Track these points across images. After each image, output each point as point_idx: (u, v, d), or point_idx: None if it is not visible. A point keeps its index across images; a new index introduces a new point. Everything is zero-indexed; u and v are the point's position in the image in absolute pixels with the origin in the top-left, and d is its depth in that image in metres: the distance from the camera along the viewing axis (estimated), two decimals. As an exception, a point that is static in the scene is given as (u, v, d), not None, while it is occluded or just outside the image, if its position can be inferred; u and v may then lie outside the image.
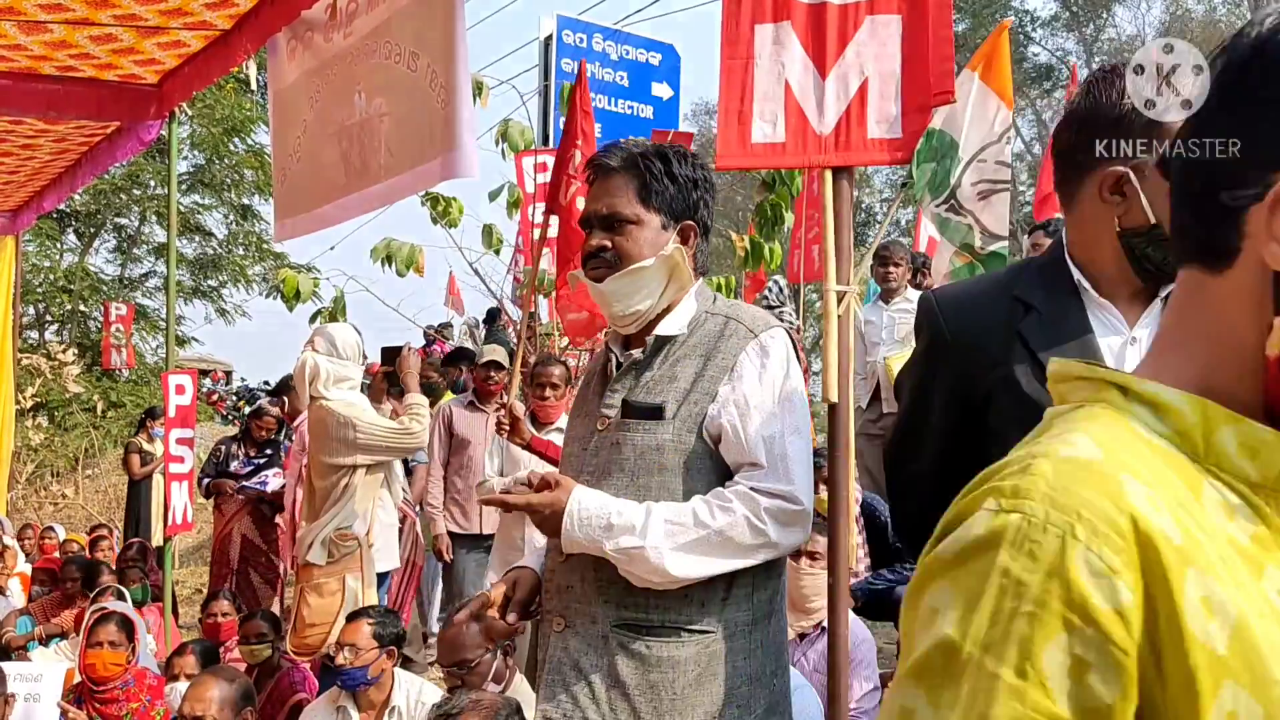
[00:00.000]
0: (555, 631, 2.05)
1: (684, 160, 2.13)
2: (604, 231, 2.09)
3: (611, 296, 2.09)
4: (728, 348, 2.03)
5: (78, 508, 12.95)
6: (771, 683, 2.04)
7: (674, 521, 1.92)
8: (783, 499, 1.93)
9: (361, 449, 4.41)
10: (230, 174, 19.11)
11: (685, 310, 2.11)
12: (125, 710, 4.15)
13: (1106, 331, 1.74)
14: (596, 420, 2.10)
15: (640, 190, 2.07)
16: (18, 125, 6.30)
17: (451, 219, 6.84)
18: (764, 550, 1.95)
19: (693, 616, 1.96)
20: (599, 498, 1.98)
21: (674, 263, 2.08)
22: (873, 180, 28.50)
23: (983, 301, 1.85)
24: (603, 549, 1.93)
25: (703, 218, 2.15)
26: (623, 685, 1.95)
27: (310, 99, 4.55)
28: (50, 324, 18.47)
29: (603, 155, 2.14)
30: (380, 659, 3.81)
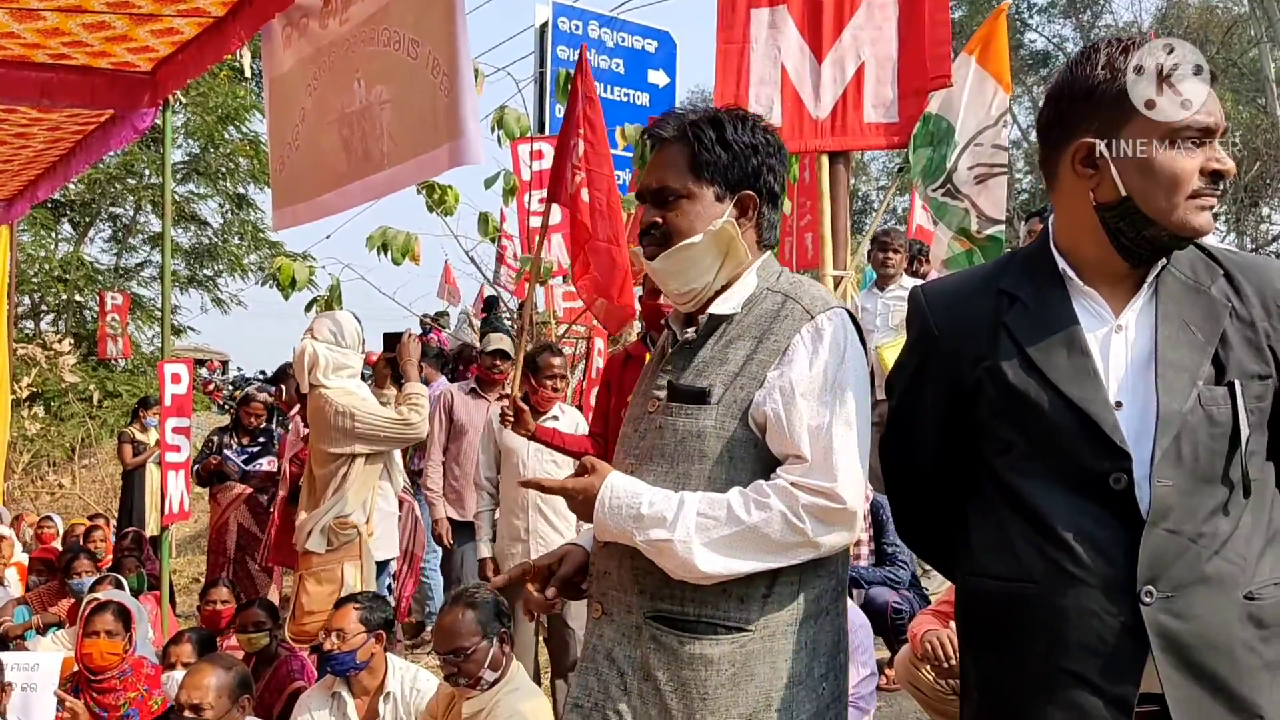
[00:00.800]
0: (593, 618, 2.00)
1: (741, 124, 1.98)
2: (656, 207, 1.99)
3: (664, 274, 1.99)
4: (781, 329, 1.91)
5: (74, 497, 12.94)
6: (819, 686, 1.90)
7: (707, 515, 1.82)
8: (824, 496, 1.79)
9: (360, 438, 4.40)
10: (225, 163, 19.04)
11: (744, 287, 1.97)
12: (123, 700, 4.14)
13: (1091, 320, 1.74)
14: (648, 402, 2.01)
15: (691, 161, 1.96)
16: (11, 114, 6.27)
17: (447, 207, 6.83)
18: (803, 549, 1.81)
19: (730, 613, 1.85)
20: (632, 485, 1.89)
21: (727, 237, 1.95)
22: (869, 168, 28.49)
23: (969, 295, 1.87)
24: (633, 539, 1.85)
25: (767, 185, 2.00)
26: (654, 680, 1.87)
27: (308, 86, 4.53)
28: (46, 314, 18.43)
29: (657, 125, 2.03)
30: (368, 644, 3.81)
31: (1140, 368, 1.69)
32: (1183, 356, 1.67)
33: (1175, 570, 1.61)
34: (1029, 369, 1.72)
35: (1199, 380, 1.66)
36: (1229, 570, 1.63)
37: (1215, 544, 1.63)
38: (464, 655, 3.42)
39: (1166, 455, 1.63)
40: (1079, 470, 1.67)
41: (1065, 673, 1.65)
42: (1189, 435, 1.64)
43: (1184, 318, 1.70)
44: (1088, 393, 1.68)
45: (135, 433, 9.98)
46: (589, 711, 1.94)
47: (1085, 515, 1.66)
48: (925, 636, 3.65)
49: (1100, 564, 1.63)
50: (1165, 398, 1.65)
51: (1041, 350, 1.72)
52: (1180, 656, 1.60)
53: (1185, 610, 1.61)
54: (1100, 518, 1.65)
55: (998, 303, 1.80)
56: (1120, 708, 1.61)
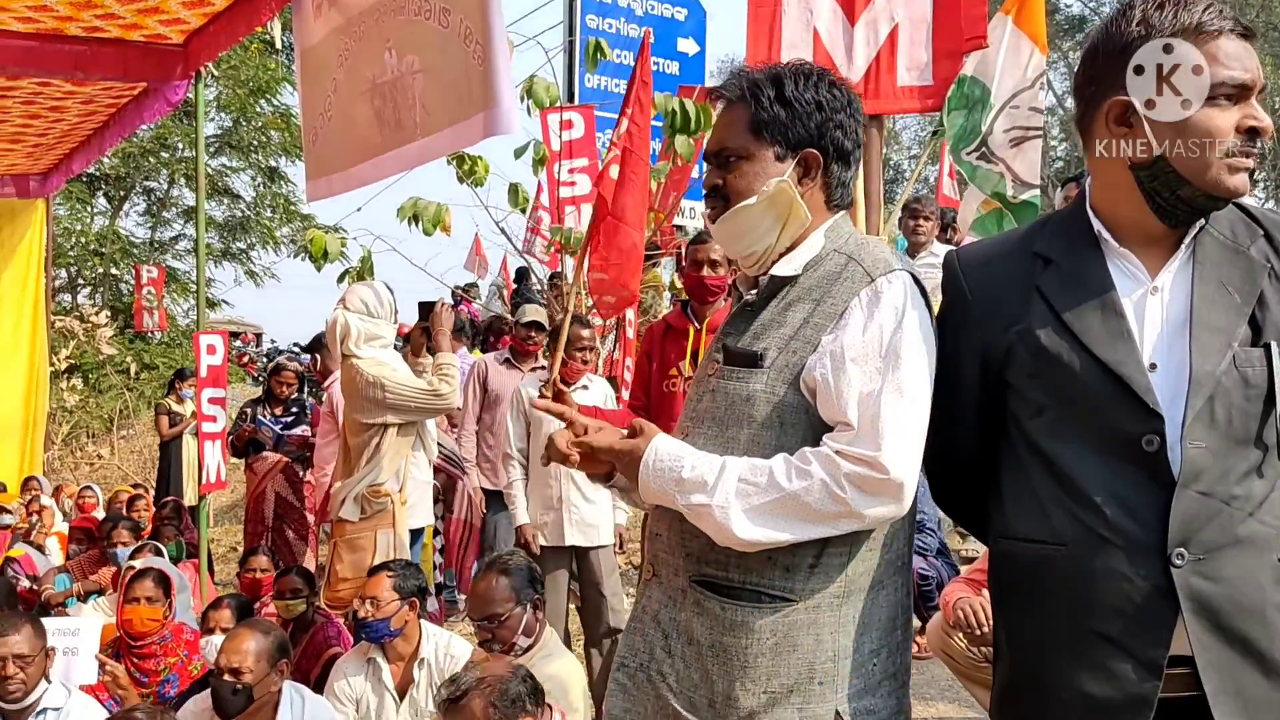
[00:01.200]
0: (644, 579, 2.00)
1: (803, 80, 1.90)
2: (717, 169, 1.93)
3: (725, 237, 1.96)
4: (840, 292, 1.83)
5: (113, 468, 13.13)
6: (869, 663, 1.84)
7: (748, 481, 1.76)
8: (867, 465, 1.71)
9: (391, 408, 4.43)
10: (257, 136, 19.13)
11: (808, 249, 1.90)
12: (163, 664, 4.22)
13: (1126, 282, 1.73)
14: (709, 365, 1.97)
15: (750, 121, 1.89)
16: (45, 87, 6.33)
17: (477, 178, 6.81)
18: (846, 520, 1.74)
19: (775, 581, 1.80)
20: (676, 448, 1.85)
21: (786, 198, 1.87)
22: (901, 137, 28.20)
23: (1002, 258, 1.86)
24: (674, 503, 1.82)
25: (835, 142, 1.91)
26: (696, 644, 1.85)
27: (340, 57, 4.53)
28: (83, 287, 18.65)
29: (721, 86, 1.98)
30: (402, 611, 3.85)
31: (1175, 330, 1.67)
32: (1218, 318, 1.65)
33: (1207, 532, 1.60)
34: (1062, 331, 1.71)
35: (1234, 342, 1.64)
36: (1263, 532, 1.61)
37: (1249, 506, 1.62)
38: (498, 621, 3.45)
39: (1199, 417, 1.61)
40: (1111, 433, 1.66)
41: (1095, 635, 1.65)
42: (1222, 397, 1.62)
43: (1221, 279, 1.68)
44: (1121, 355, 1.66)
45: (172, 404, 10.09)
46: (634, 671, 1.95)
47: (1117, 478, 1.65)
48: (957, 604, 3.65)
49: (1131, 526, 1.63)
50: (1199, 359, 1.63)
51: (1075, 312, 1.71)
52: (1211, 619, 1.60)
53: (1217, 573, 1.60)
54: (1132, 480, 1.64)
55: (1031, 266, 1.79)
56: (1150, 670, 1.61)
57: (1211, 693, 1.59)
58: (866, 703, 1.84)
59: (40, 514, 7.86)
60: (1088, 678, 1.65)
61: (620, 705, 1.95)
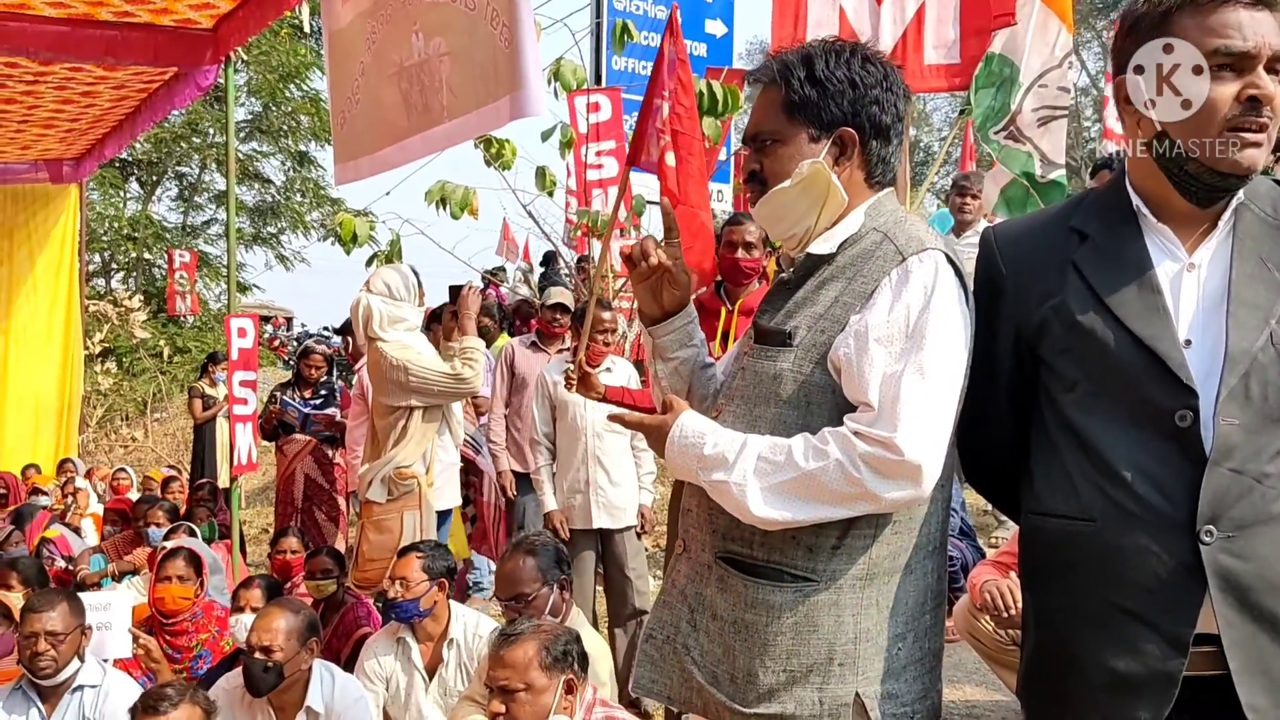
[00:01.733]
0: (676, 554, 2.02)
1: (834, 58, 1.87)
2: (755, 154, 1.92)
3: (765, 220, 1.96)
4: (871, 270, 1.81)
5: (147, 450, 13.28)
6: (893, 647, 1.82)
7: (767, 459, 1.76)
8: (883, 447, 1.68)
9: (415, 392, 4.44)
10: (287, 121, 19.24)
11: (845, 227, 1.87)
12: (195, 640, 4.28)
13: (1163, 258, 1.71)
14: (745, 343, 1.98)
15: (784, 103, 1.87)
16: (77, 72, 6.39)
17: (505, 161, 6.83)
18: (861, 502, 1.71)
19: (797, 560, 1.80)
20: (701, 425, 1.86)
21: (821, 178, 1.84)
22: (931, 119, 27.97)
23: (1038, 234, 1.85)
24: (697, 478, 1.84)
25: (873, 118, 1.86)
26: (720, 619, 1.87)
27: (367, 40, 4.53)
28: (116, 271, 18.85)
29: (754, 71, 1.98)
30: (431, 591, 3.88)
31: (1212, 306, 1.66)
32: (1257, 294, 1.63)
33: (1238, 510, 1.58)
34: (1097, 306, 1.70)
35: (1272, 319, 1.62)
36: None
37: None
38: (525, 601, 3.47)
39: (1233, 394, 1.60)
40: (1144, 408, 1.65)
41: (1122, 610, 1.64)
42: (1258, 374, 1.60)
43: (1261, 255, 1.66)
44: (1156, 330, 1.65)
45: (205, 387, 10.19)
46: (661, 643, 1.98)
47: (1147, 453, 1.64)
48: (985, 586, 3.64)
49: (1160, 502, 1.61)
50: (1235, 335, 1.61)
51: (1110, 288, 1.69)
52: (1239, 597, 1.58)
53: (1247, 550, 1.58)
54: (1163, 456, 1.63)
55: (1068, 241, 1.78)
56: (1176, 647, 1.60)
57: (1236, 670, 1.58)
58: (889, 687, 1.82)
59: (75, 495, 7.97)
60: (1113, 653, 1.65)
61: (648, 676, 1.99)
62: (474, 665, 3.80)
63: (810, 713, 1.79)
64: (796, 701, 1.80)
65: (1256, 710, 1.58)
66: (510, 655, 2.89)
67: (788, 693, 1.80)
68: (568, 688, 2.90)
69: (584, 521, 4.85)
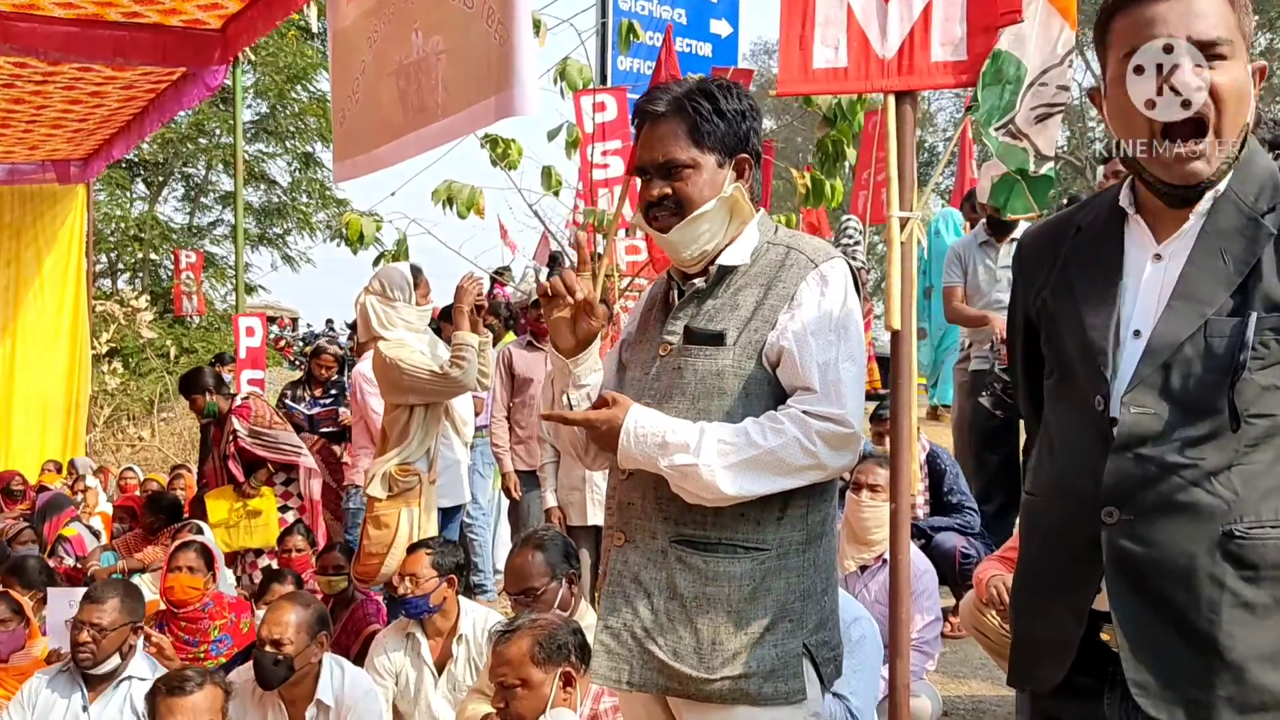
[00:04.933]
0: (616, 546, 2.14)
1: (729, 94, 2.12)
2: (662, 180, 2.10)
3: (680, 244, 2.11)
4: (789, 277, 2.07)
5: (154, 450, 13.30)
6: (822, 600, 2.10)
7: (727, 441, 1.96)
8: (833, 422, 1.97)
9: (409, 390, 4.46)
10: (294, 122, 19.29)
11: (747, 241, 2.13)
12: (211, 626, 4.31)
13: (1135, 250, 1.75)
14: (659, 346, 2.15)
15: (691, 132, 2.08)
16: (86, 72, 6.41)
17: (511, 161, 6.84)
18: (813, 471, 1.99)
19: (748, 534, 2.03)
20: (655, 416, 2.03)
21: (734, 199, 2.11)
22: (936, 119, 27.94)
23: (1052, 232, 1.91)
24: (657, 465, 1.99)
25: (754, 148, 2.15)
26: (681, 597, 2.03)
27: (369, 39, 4.55)
28: (123, 272, 18.92)
29: (647, 102, 2.14)
30: (441, 587, 3.90)
31: (1165, 297, 1.68)
32: (1201, 287, 1.64)
33: (1143, 495, 1.62)
34: (1068, 295, 1.78)
35: (1209, 311, 1.62)
36: (1209, 502, 1.59)
37: (1195, 475, 1.60)
38: (534, 595, 3.49)
39: (1146, 383, 1.64)
40: (1080, 394, 1.72)
41: (1045, 582, 1.77)
42: (1181, 366, 1.62)
43: (1221, 247, 1.65)
44: (1101, 319, 1.70)
45: (210, 387, 10.20)
46: (618, 631, 2.09)
47: (1079, 437, 1.72)
48: (990, 581, 3.66)
49: (1080, 482, 1.69)
50: (1162, 326, 1.65)
51: (1082, 278, 1.77)
52: (1133, 579, 1.63)
53: (1145, 535, 1.62)
54: (1087, 440, 1.70)
55: (1066, 234, 1.85)
56: (1076, 616, 1.70)
57: (1124, 647, 1.64)
58: (822, 635, 2.10)
59: (85, 494, 8.00)
60: (1038, 620, 1.78)
61: (606, 665, 2.10)
62: (483, 660, 3.82)
63: (770, 667, 2.01)
64: (758, 660, 2.01)
65: (1142, 688, 1.61)
66: (506, 651, 2.95)
67: (750, 653, 2.01)
68: (565, 680, 2.95)
69: (581, 518, 4.90)
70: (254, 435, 5.80)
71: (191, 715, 3.14)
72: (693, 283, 2.15)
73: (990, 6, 2.57)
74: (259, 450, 5.76)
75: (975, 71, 2.61)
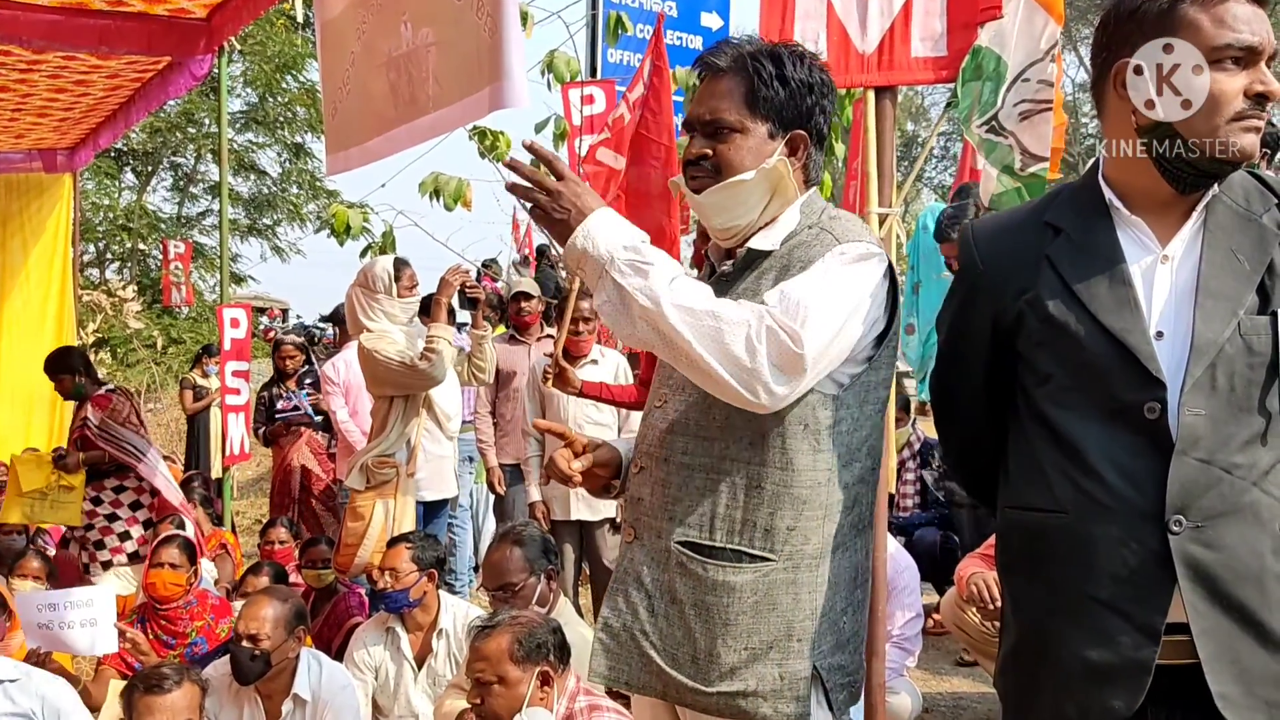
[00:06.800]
0: (625, 542, 2.04)
1: (800, 62, 1.94)
2: (706, 139, 1.94)
3: (710, 209, 1.97)
4: (808, 255, 1.89)
5: (140, 441, 13.25)
6: (840, 620, 1.93)
7: (681, 279, 1.79)
8: (786, 333, 1.74)
9: (384, 381, 4.48)
10: (283, 112, 19.22)
11: (785, 224, 1.95)
12: (189, 628, 4.29)
13: (1136, 250, 1.72)
14: None
15: (748, 95, 1.91)
16: (71, 61, 6.36)
17: (499, 153, 6.82)
18: (741, 373, 1.74)
19: (755, 542, 1.87)
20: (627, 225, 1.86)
21: (778, 176, 1.93)
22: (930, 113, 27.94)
23: (1014, 229, 1.86)
24: (610, 254, 1.79)
25: (817, 126, 1.97)
26: (680, 603, 1.91)
27: (358, 30, 4.53)
28: (110, 262, 18.83)
29: (711, 54, 1.98)
30: (421, 582, 3.89)
31: (1183, 297, 1.67)
32: (1225, 285, 1.65)
33: (1206, 500, 1.60)
34: (1070, 300, 1.71)
35: (1240, 309, 1.63)
36: (1266, 502, 1.61)
37: (1252, 475, 1.61)
38: (512, 591, 3.49)
39: (1198, 385, 1.61)
40: (1115, 401, 1.66)
41: (1095, 601, 1.66)
42: (1225, 365, 1.62)
43: (1231, 246, 1.67)
44: (1127, 323, 1.66)
45: (197, 379, 10.19)
46: (618, 631, 1.99)
47: (1119, 445, 1.65)
48: (971, 578, 3.66)
49: (1130, 493, 1.63)
50: (1202, 326, 1.63)
51: (1083, 281, 1.71)
52: (1208, 586, 1.60)
53: (1215, 540, 1.60)
54: (1134, 448, 1.64)
55: (1042, 235, 1.79)
56: (1148, 636, 1.62)
57: (1206, 659, 1.59)
58: (838, 659, 1.92)
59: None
60: (1088, 643, 1.66)
61: (605, 664, 2.01)
62: (463, 655, 3.82)
63: (771, 688, 1.86)
64: (758, 678, 1.86)
65: (1226, 699, 1.59)
66: (484, 648, 2.93)
67: (749, 670, 1.86)
68: (543, 679, 2.92)
69: (563, 512, 4.90)
70: (102, 428, 5.58)
71: (170, 714, 3.11)
72: (724, 265, 2.01)
73: (970, 2, 2.56)
74: (102, 442, 5.51)
75: (955, 67, 2.60)
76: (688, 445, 1.93)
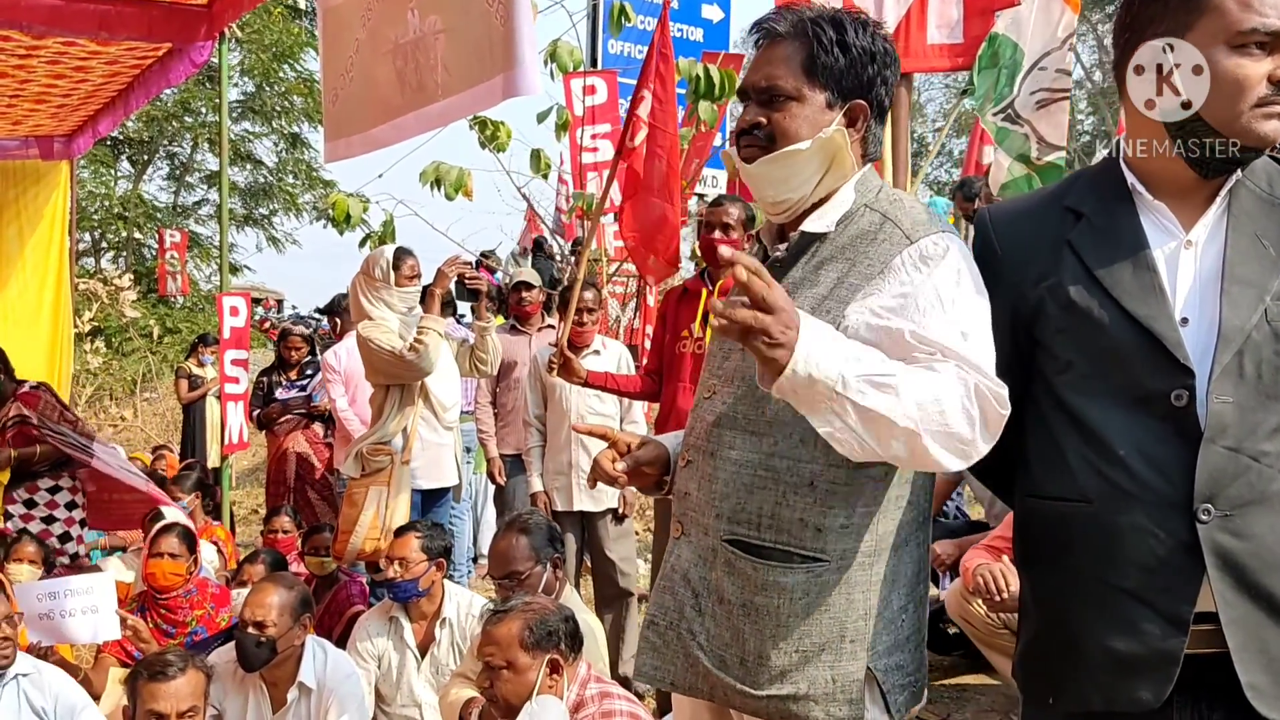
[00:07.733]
0: (674, 538, 1.95)
1: (863, 29, 1.84)
2: (760, 106, 1.82)
3: (761, 180, 1.85)
4: (877, 254, 1.76)
5: (136, 430, 13.23)
6: (898, 619, 1.84)
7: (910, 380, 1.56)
8: (994, 397, 1.57)
9: (378, 370, 4.49)
10: (280, 101, 19.16)
11: (840, 203, 1.82)
12: (190, 617, 4.27)
13: (1159, 235, 1.70)
14: None
15: (806, 61, 1.80)
16: (70, 47, 6.32)
17: (500, 143, 6.79)
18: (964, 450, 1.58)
19: (806, 542, 1.77)
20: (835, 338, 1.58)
21: (835, 147, 1.80)
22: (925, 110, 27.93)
23: (1033, 214, 1.84)
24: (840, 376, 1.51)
25: (878, 97, 1.84)
26: (727, 603, 1.83)
27: (362, 17, 4.50)
28: (106, 251, 18.79)
29: (770, 18, 1.86)
30: (429, 571, 3.88)
31: (1208, 283, 1.65)
32: (1251, 271, 1.63)
33: (1235, 488, 1.58)
34: (1092, 286, 1.69)
35: (1267, 295, 1.61)
36: None
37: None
38: (518, 579, 3.47)
39: (1226, 372, 1.59)
40: (1140, 388, 1.64)
41: (1120, 590, 1.64)
42: (1252, 352, 1.60)
43: (1256, 232, 1.65)
44: (1152, 309, 1.64)
45: (192, 368, 10.15)
46: (664, 629, 1.93)
47: (1145, 433, 1.63)
48: (978, 570, 3.65)
49: (1157, 481, 1.61)
50: (1229, 312, 1.61)
51: (1106, 267, 1.68)
52: (1236, 575, 1.58)
53: (1244, 529, 1.58)
54: (1160, 435, 1.62)
55: (1062, 220, 1.77)
56: (1175, 625, 1.60)
57: (1235, 648, 1.58)
58: (896, 659, 1.84)
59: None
60: (1113, 633, 1.64)
61: (651, 663, 1.94)
62: (467, 644, 3.81)
63: (824, 691, 1.78)
64: (809, 681, 1.78)
65: (1255, 689, 1.58)
66: (496, 632, 2.93)
67: (800, 672, 1.78)
68: (553, 667, 2.91)
69: (566, 503, 4.89)
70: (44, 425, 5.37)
71: (174, 701, 3.09)
72: (776, 250, 1.88)
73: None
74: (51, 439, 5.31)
75: (971, 54, 2.58)
76: (735, 440, 1.83)
